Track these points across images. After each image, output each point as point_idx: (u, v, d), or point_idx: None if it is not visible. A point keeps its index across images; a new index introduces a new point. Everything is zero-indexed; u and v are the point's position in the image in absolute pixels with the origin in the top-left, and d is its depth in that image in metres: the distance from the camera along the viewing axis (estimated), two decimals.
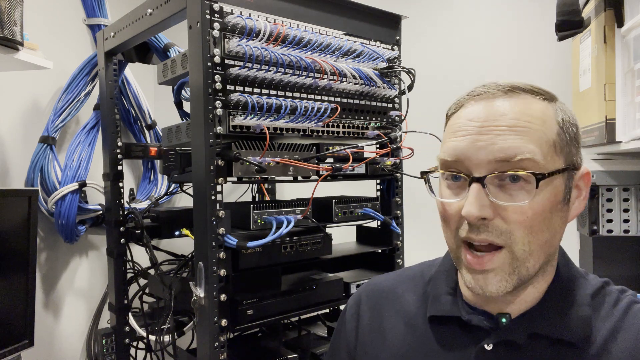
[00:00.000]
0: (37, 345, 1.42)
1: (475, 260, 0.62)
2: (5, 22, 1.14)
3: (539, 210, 0.60)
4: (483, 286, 0.62)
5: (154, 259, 1.35)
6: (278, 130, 1.13)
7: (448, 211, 0.65)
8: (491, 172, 0.60)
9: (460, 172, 0.63)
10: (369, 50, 1.28)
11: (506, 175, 0.59)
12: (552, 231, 0.62)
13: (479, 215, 0.59)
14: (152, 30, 1.26)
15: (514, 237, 0.60)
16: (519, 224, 0.59)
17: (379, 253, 1.48)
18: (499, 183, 0.60)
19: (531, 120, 0.61)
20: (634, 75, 1.14)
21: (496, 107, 0.62)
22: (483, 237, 0.61)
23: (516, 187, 0.60)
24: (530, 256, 0.61)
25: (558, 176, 0.61)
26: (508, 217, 0.60)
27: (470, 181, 0.61)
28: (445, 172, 0.65)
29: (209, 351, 1.05)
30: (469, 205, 0.60)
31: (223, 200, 1.06)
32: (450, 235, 0.66)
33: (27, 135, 1.60)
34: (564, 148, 0.62)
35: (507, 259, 0.61)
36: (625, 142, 1.17)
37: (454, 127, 0.65)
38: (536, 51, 1.67)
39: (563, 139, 0.62)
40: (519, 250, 0.60)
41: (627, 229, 1.36)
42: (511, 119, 0.61)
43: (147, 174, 1.95)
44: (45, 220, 1.62)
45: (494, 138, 0.60)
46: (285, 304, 1.18)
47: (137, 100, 1.82)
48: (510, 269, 0.61)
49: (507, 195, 0.60)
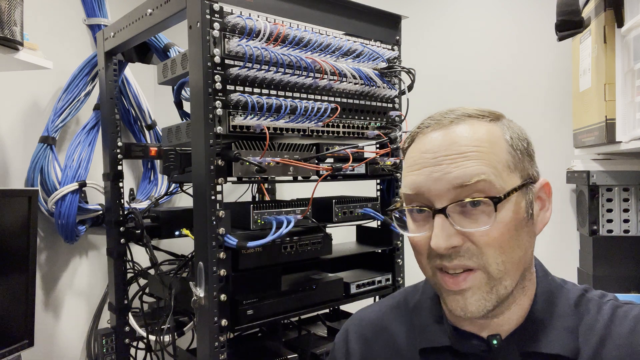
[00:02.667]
0: (37, 345, 1.42)
1: (452, 281, 0.63)
2: (5, 22, 1.14)
3: (504, 230, 0.61)
4: (463, 307, 0.63)
5: (154, 259, 1.35)
6: (278, 130, 1.13)
7: (418, 244, 0.66)
8: (451, 202, 0.61)
9: (423, 205, 0.64)
10: (369, 50, 1.28)
11: (465, 202, 0.61)
12: (522, 248, 0.63)
13: (447, 246, 0.61)
14: (152, 30, 1.26)
15: (486, 258, 0.61)
16: (488, 246, 0.61)
17: (379, 253, 1.48)
18: (461, 210, 0.62)
19: (480, 143, 0.63)
20: (634, 75, 1.14)
21: (445, 136, 0.64)
22: (456, 263, 0.62)
23: (477, 211, 0.61)
24: (506, 275, 0.62)
25: (515, 194, 0.62)
26: (476, 240, 0.61)
27: (434, 213, 0.62)
28: (408, 206, 0.66)
29: (209, 351, 1.05)
30: (435, 238, 0.61)
31: (223, 200, 1.06)
32: (425, 265, 0.66)
33: (27, 135, 1.60)
34: (517, 165, 0.64)
35: (484, 279, 0.62)
36: (625, 142, 1.17)
37: (410, 161, 0.68)
38: (536, 51, 1.67)
39: (515, 156, 0.64)
40: (494, 270, 0.61)
41: (627, 229, 1.36)
42: (461, 145, 0.63)
43: (147, 174, 1.95)
44: (45, 220, 1.62)
45: (448, 167, 0.62)
46: (285, 304, 1.18)
47: (137, 100, 1.82)
48: (488, 287, 0.62)
49: (470, 220, 0.61)
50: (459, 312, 0.63)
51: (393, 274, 1.43)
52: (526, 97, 1.71)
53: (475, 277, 0.62)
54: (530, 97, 1.71)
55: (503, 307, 0.65)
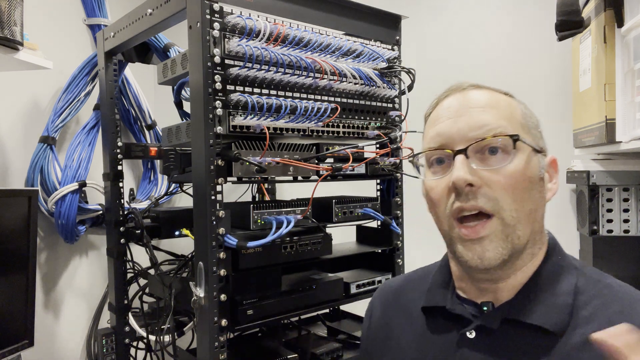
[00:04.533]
0: (37, 345, 1.42)
1: (470, 230, 0.65)
2: (5, 22, 1.14)
3: (518, 175, 0.64)
4: (480, 254, 0.64)
5: (154, 259, 1.35)
6: (278, 130, 1.13)
7: (436, 190, 0.69)
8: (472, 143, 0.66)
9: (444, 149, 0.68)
10: (369, 50, 1.28)
11: (485, 146, 0.65)
12: (534, 202, 0.66)
13: (467, 179, 0.64)
14: (152, 30, 1.26)
15: (501, 204, 0.64)
16: (502, 189, 0.64)
17: (379, 253, 1.48)
18: (480, 157, 0.66)
19: (499, 102, 0.69)
20: (634, 75, 1.14)
21: (468, 95, 0.71)
22: (472, 204, 0.64)
23: (495, 158, 0.65)
24: (518, 223, 0.64)
25: (529, 149, 0.67)
26: (492, 184, 0.64)
27: (454, 154, 0.66)
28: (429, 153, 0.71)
29: (209, 351, 1.05)
30: (457, 171, 0.64)
31: (223, 200, 1.06)
32: (442, 216, 0.69)
33: (27, 135, 1.60)
34: (530, 130, 0.70)
35: (499, 226, 0.64)
36: (625, 142, 1.17)
37: (433, 118, 0.73)
38: (536, 51, 1.67)
39: (529, 123, 0.70)
40: (508, 216, 0.64)
41: (627, 229, 1.36)
42: (481, 101, 0.69)
43: (147, 174, 1.95)
44: (45, 220, 1.62)
45: (470, 117, 0.67)
46: (285, 304, 1.18)
47: (137, 100, 1.82)
48: (503, 235, 0.64)
49: (488, 165, 0.66)
50: (475, 260, 0.65)
51: (393, 274, 1.43)
52: (526, 97, 1.70)
53: (492, 224, 0.64)
54: (530, 97, 1.70)
55: (514, 265, 0.67)
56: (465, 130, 0.66)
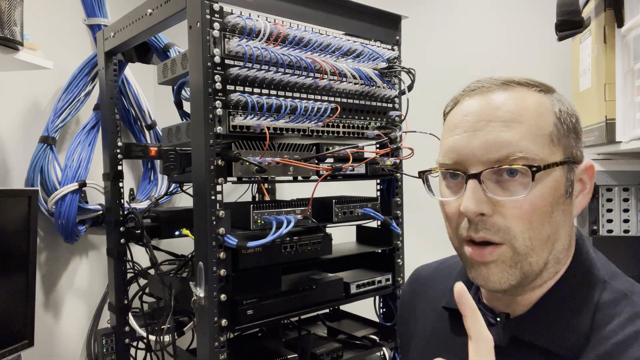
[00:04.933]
0: (37, 345, 1.42)
1: (477, 252, 0.61)
2: (5, 22, 1.14)
3: (538, 204, 0.58)
4: (485, 277, 0.62)
5: (154, 259, 1.35)
6: (278, 130, 1.13)
7: (448, 210, 0.65)
8: (487, 168, 0.59)
9: (458, 169, 0.62)
10: (369, 50, 1.28)
11: (502, 169, 0.59)
12: (553, 226, 0.60)
13: (476, 211, 0.59)
14: (152, 30, 1.26)
15: (513, 233, 0.59)
16: (517, 219, 0.58)
17: (379, 253, 1.48)
18: (497, 179, 0.60)
19: (525, 113, 0.60)
20: (634, 75, 1.14)
21: (490, 100, 0.62)
22: (481, 235, 0.60)
23: (514, 182, 0.59)
24: (532, 251, 0.60)
25: (557, 168, 0.60)
26: (506, 212, 0.59)
27: (467, 178, 0.61)
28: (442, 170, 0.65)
29: (209, 351, 1.05)
30: (466, 201, 0.59)
31: (223, 200, 1.06)
32: (452, 234, 0.66)
33: (27, 135, 1.60)
34: (561, 139, 0.61)
35: (508, 253, 0.60)
36: (625, 142, 1.17)
37: (450, 124, 0.66)
38: (536, 51, 1.67)
39: (560, 130, 0.61)
40: (520, 245, 0.59)
41: (627, 229, 1.36)
42: (505, 112, 0.60)
43: (147, 174, 1.95)
44: (45, 220, 1.62)
45: (488, 135, 0.60)
46: (285, 304, 1.18)
47: (137, 100, 1.82)
48: (512, 262, 0.60)
49: (504, 190, 0.59)
50: (480, 281, 0.63)
51: (393, 274, 1.43)
52: None
53: (501, 251, 0.60)
54: None
55: (530, 285, 0.63)
56: (480, 151, 0.60)
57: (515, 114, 0.60)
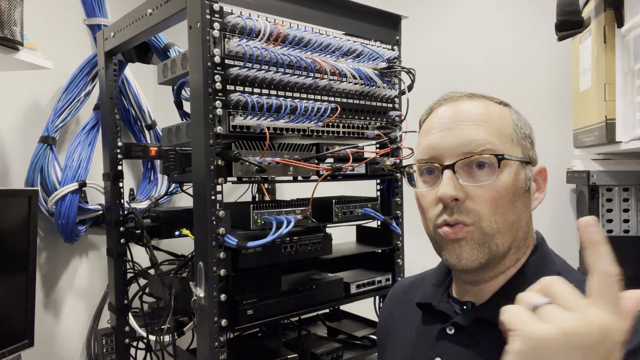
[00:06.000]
0: (37, 345, 1.42)
1: (450, 230, 0.69)
2: (5, 22, 1.14)
3: (502, 191, 0.68)
4: (459, 255, 0.69)
5: (154, 259, 1.35)
6: (278, 130, 1.13)
7: (424, 201, 0.74)
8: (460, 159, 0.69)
9: (434, 163, 0.72)
10: (369, 50, 1.28)
11: (472, 161, 0.69)
12: (517, 213, 0.70)
13: (452, 195, 0.68)
14: (152, 30, 1.26)
15: (481, 215, 0.68)
16: (485, 203, 0.68)
17: (379, 253, 1.48)
18: (468, 170, 0.70)
19: (490, 116, 0.71)
20: (634, 75, 1.14)
21: (461, 106, 0.73)
22: (455, 217, 0.69)
23: (482, 173, 0.69)
24: (498, 233, 0.68)
25: (516, 163, 0.70)
26: (476, 198, 0.68)
27: (443, 169, 0.70)
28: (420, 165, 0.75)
29: (209, 351, 1.05)
30: (443, 187, 0.69)
31: (223, 200, 1.06)
32: (429, 223, 0.74)
33: (27, 135, 1.60)
34: (520, 141, 0.72)
35: (477, 233, 0.68)
36: (625, 142, 1.17)
37: (426, 128, 0.76)
38: (536, 51, 1.67)
39: (519, 134, 0.72)
40: (487, 226, 0.68)
41: (627, 229, 1.36)
42: (474, 114, 0.71)
43: (147, 174, 1.95)
44: (45, 220, 1.62)
45: (460, 132, 0.70)
46: (285, 304, 1.18)
47: (137, 100, 1.82)
48: (481, 241, 0.68)
49: (474, 180, 0.69)
50: (454, 260, 0.70)
51: (393, 274, 1.43)
52: (526, 97, 1.71)
53: (470, 229, 0.69)
54: (530, 97, 1.71)
55: (494, 269, 0.72)
56: (454, 145, 0.70)
57: (483, 116, 0.71)
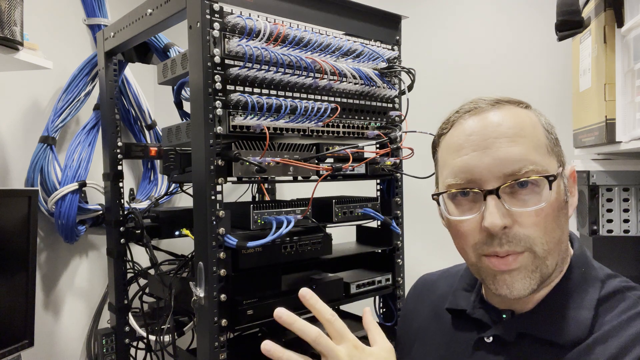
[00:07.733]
0: (37, 345, 1.42)
1: (502, 262, 0.64)
2: (5, 22, 1.14)
3: (549, 209, 0.63)
4: (510, 285, 0.64)
5: (154, 259, 1.35)
6: (278, 130, 1.13)
7: (464, 227, 0.66)
8: (503, 183, 0.62)
9: (473, 187, 0.65)
10: (369, 50, 1.28)
11: (514, 183, 0.63)
12: (561, 229, 0.65)
13: (502, 225, 0.62)
14: (152, 30, 1.26)
15: (533, 239, 0.63)
16: (535, 227, 0.62)
17: (379, 253, 1.48)
18: (510, 191, 0.63)
19: (524, 127, 0.65)
20: (634, 75, 1.14)
21: (489, 118, 0.66)
22: (506, 249, 0.63)
23: (526, 192, 0.63)
24: (549, 254, 0.64)
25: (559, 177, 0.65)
26: (524, 222, 0.62)
27: (485, 195, 0.63)
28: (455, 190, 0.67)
29: (209, 351, 1.05)
30: (490, 217, 0.62)
31: (223, 200, 1.06)
32: (470, 250, 0.67)
33: (27, 135, 1.60)
34: (553, 149, 0.67)
35: (530, 258, 0.64)
36: (625, 142, 1.17)
37: (454, 146, 0.68)
38: (536, 51, 1.67)
39: (551, 140, 0.67)
40: (539, 250, 0.63)
41: (627, 229, 1.36)
42: (507, 128, 0.64)
43: (147, 174, 1.95)
44: (45, 220, 1.62)
45: (497, 151, 0.63)
46: (285, 304, 1.18)
47: (137, 100, 1.82)
48: (533, 266, 0.64)
49: (519, 201, 0.63)
50: (505, 291, 0.64)
51: (393, 274, 1.43)
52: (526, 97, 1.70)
53: (523, 258, 0.63)
54: (530, 97, 1.70)
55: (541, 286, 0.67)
56: (495, 167, 0.63)
57: (516, 129, 0.64)
